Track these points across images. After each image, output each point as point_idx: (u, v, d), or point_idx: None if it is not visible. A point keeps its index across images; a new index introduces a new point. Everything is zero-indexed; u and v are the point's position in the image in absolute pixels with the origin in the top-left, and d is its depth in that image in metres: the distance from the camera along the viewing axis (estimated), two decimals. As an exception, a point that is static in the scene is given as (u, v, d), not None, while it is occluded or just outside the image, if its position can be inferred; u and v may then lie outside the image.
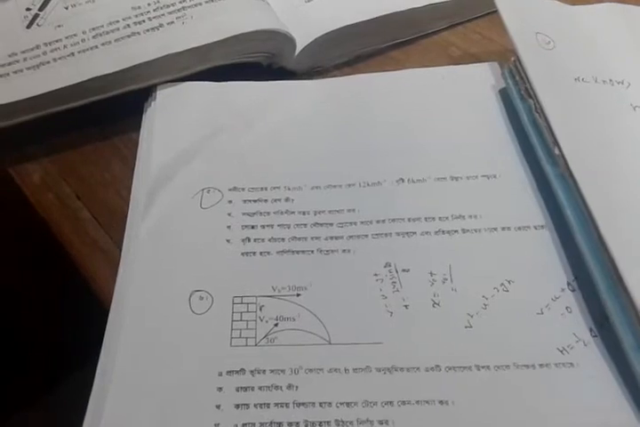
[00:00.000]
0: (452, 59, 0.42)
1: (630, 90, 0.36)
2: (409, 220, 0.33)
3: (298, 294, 0.30)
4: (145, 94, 0.39)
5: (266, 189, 0.34)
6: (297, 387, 0.27)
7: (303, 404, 0.27)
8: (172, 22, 0.38)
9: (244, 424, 0.26)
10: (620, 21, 0.40)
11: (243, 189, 0.34)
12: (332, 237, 0.32)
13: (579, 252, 0.29)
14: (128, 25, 0.38)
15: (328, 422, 0.26)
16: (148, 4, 0.39)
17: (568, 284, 0.30)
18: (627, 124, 0.34)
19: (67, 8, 0.40)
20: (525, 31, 0.36)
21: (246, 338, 0.29)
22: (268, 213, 0.33)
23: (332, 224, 0.33)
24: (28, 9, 0.40)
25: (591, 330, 0.28)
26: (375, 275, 0.31)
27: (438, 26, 0.44)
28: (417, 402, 0.27)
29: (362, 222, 0.33)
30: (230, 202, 0.34)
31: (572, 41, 0.38)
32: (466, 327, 0.29)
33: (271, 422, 0.26)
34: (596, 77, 0.36)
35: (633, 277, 0.27)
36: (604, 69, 0.37)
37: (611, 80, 0.36)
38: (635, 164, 0.32)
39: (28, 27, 0.39)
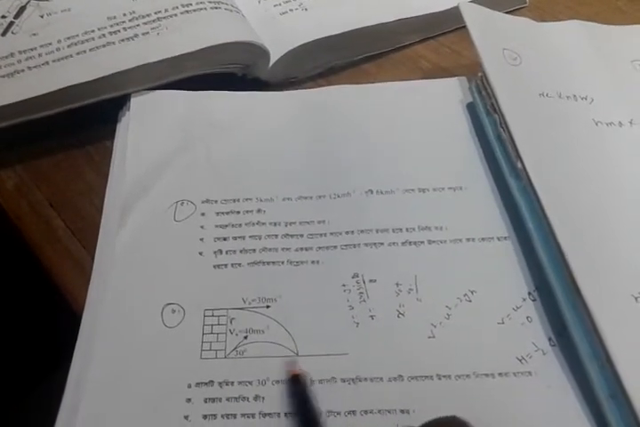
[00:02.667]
0: (423, 72, 0.43)
1: (593, 105, 0.37)
2: (377, 231, 0.33)
3: (267, 306, 0.31)
4: (119, 102, 0.39)
5: (238, 200, 0.35)
6: (263, 398, 0.28)
7: (269, 414, 0.27)
8: (147, 33, 0.39)
9: (210, 434, 0.27)
10: (585, 39, 0.41)
11: (215, 202, 0.35)
12: (301, 249, 0.33)
13: (540, 263, 0.30)
14: (103, 35, 0.39)
15: (292, 432, 0.27)
16: (124, 15, 0.39)
17: (529, 294, 0.31)
18: (589, 138, 0.35)
19: (42, 16, 0.40)
20: (493, 47, 0.37)
21: (216, 351, 0.29)
22: (240, 225, 0.34)
23: (302, 235, 0.33)
24: (3, 16, 0.40)
25: (550, 339, 0.29)
26: (343, 285, 0.32)
27: (410, 40, 0.45)
28: (379, 411, 0.27)
29: (331, 233, 0.33)
30: (203, 214, 0.34)
31: (539, 57, 0.39)
32: (429, 337, 0.30)
33: (237, 432, 0.27)
34: (561, 93, 0.37)
35: (589, 289, 0.28)
36: (568, 85, 0.38)
37: (575, 96, 0.37)
38: (595, 178, 0.33)
39: (3, 34, 0.39)
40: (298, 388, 0.28)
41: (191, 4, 0.40)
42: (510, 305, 0.30)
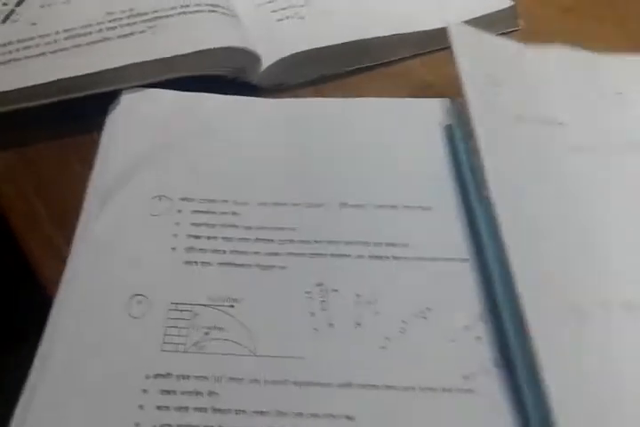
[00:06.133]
0: (411, 88, 0.44)
1: (568, 131, 0.38)
2: (345, 243, 0.35)
3: (232, 306, 0.32)
4: (110, 96, 0.40)
5: (215, 201, 0.36)
6: (217, 394, 0.29)
7: (220, 410, 0.29)
8: (144, 31, 0.40)
9: (162, 425, 0.28)
10: (571, 65, 0.42)
11: (193, 200, 0.36)
12: (271, 254, 0.34)
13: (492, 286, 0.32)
14: (101, 29, 0.40)
15: (240, 429, 0.28)
16: (122, 11, 0.40)
17: (481, 315, 0.32)
18: (562, 165, 0.37)
19: (42, 7, 0.41)
20: (475, 71, 0.38)
21: (177, 344, 0.31)
22: (214, 226, 0.35)
23: (272, 241, 0.35)
24: (4, 4, 0.41)
25: (496, 360, 0.31)
26: (307, 293, 0.33)
27: (402, 54, 0.46)
28: (325, 415, 0.29)
29: (301, 241, 0.35)
30: (180, 211, 0.36)
31: (519, 82, 0.40)
32: (381, 348, 0.31)
33: (188, 425, 0.28)
34: (537, 118, 0.38)
35: (532, 314, 0.29)
36: (545, 111, 0.39)
37: (551, 121, 0.39)
38: (561, 208, 0.35)
39: (3, 22, 0.40)
40: None
41: (189, 6, 0.41)
42: (462, 324, 0.32)
